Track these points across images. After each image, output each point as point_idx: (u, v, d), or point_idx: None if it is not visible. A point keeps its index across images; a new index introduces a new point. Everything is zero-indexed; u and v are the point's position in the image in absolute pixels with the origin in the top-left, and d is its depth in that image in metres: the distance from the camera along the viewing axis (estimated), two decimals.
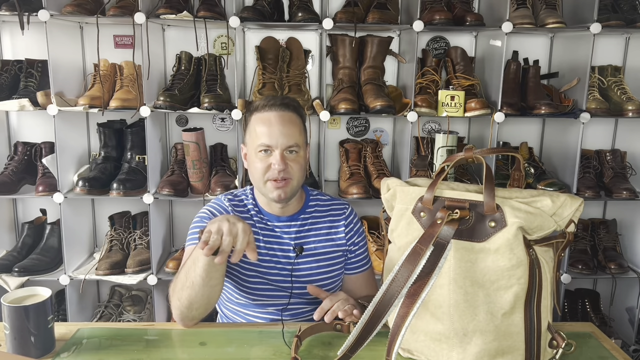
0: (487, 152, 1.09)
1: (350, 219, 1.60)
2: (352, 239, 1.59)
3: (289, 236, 1.53)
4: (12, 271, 2.29)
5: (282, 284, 1.49)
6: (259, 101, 1.51)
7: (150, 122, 2.27)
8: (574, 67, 2.36)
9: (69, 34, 2.40)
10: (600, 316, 2.53)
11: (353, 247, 1.59)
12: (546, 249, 1.02)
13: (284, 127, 1.44)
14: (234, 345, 1.23)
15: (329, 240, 1.55)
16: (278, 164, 1.42)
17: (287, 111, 1.48)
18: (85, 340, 1.23)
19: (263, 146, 1.43)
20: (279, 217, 1.53)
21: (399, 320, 0.94)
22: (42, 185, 2.29)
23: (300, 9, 2.24)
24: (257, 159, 1.45)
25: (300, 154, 1.47)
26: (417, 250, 0.96)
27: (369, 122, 2.61)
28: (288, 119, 1.46)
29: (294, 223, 1.54)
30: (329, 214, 1.59)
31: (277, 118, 1.45)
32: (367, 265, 1.64)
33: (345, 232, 1.58)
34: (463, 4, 2.33)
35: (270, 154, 1.44)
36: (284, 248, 1.52)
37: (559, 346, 1.03)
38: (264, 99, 1.51)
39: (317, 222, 1.56)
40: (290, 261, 1.51)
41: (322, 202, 1.61)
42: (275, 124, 1.44)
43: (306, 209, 1.56)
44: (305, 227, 1.54)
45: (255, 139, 1.46)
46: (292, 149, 1.45)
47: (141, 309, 2.49)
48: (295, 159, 1.46)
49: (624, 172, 2.46)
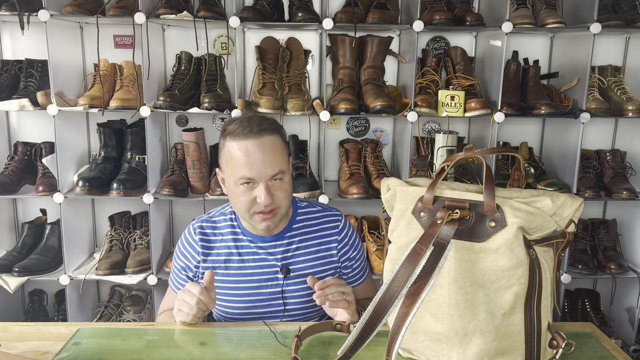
0: (487, 152, 1.08)
1: (344, 234, 1.51)
2: (346, 254, 1.51)
3: (274, 257, 1.45)
4: (12, 271, 2.29)
5: (271, 307, 1.45)
6: (233, 124, 1.37)
7: (150, 122, 2.27)
8: (574, 67, 2.36)
9: (69, 34, 2.40)
10: (600, 316, 2.53)
11: (348, 262, 1.52)
12: (546, 249, 1.02)
13: (265, 156, 1.33)
14: (234, 345, 1.23)
15: (319, 259, 1.48)
16: (264, 197, 1.32)
17: (265, 135, 1.34)
18: (85, 340, 1.23)
19: (244, 179, 1.33)
20: (264, 238, 1.45)
21: (399, 320, 0.94)
22: (42, 185, 2.29)
23: (300, 9, 2.24)
24: (239, 191, 1.35)
25: (285, 180, 1.37)
26: (417, 250, 0.96)
27: (369, 122, 2.61)
28: (268, 146, 1.34)
29: (279, 242, 1.46)
30: (319, 228, 1.50)
31: (255, 147, 1.32)
32: (364, 277, 1.58)
33: (337, 248, 1.50)
34: (463, 4, 2.33)
35: (254, 187, 1.34)
36: (270, 271, 1.45)
37: (559, 346, 1.03)
38: (239, 122, 1.37)
39: (306, 239, 1.48)
40: (279, 283, 1.44)
41: (312, 214, 1.52)
42: (255, 154, 1.32)
43: (293, 225, 1.48)
44: (293, 245, 1.46)
45: (234, 171, 1.35)
46: (277, 177, 1.35)
47: (141, 309, 2.49)
48: (281, 186, 1.36)
49: (624, 172, 2.46)
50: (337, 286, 1.33)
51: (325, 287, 1.32)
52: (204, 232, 1.49)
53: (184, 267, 1.50)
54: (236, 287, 1.45)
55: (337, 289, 1.32)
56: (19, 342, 1.22)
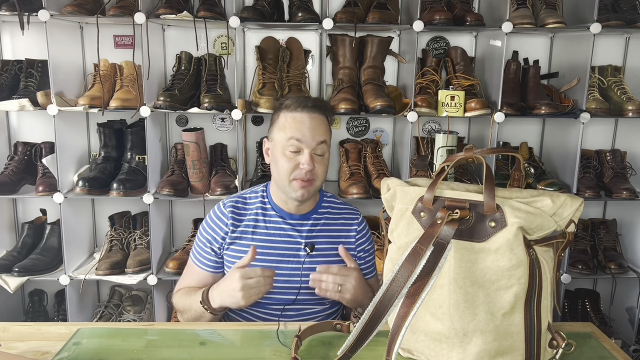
0: (487, 152, 1.09)
1: (362, 226, 1.63)
2: (362, 245, 1.61)
3: (300, 234, 1.54)
4: (12, 271, 2.29)
5: (289, 283, 1.51)
6: (290, 99, 1.53)
7: (150, 122, 2.27)
8: (574, 67, 2.36)
9: (69, 34, 2.40)
10: (600, 316, 2.53)
11: (363, 254, 1.62)
12: (546, 249, 1.02)
13: (315, 129, 1.47)
14: (234, 345, 1.23)
15: (340, 243, 1.56)
16: (307, 163, 1.45)
17: (318, 113, 1.50)
18: (85, 340, 1.23)
19: (294, 140, 1.45)
20: (292, 215, 1.55)
21: (399, 320, 0.94)
22: (42, 185, 2.29)
23: (300, 9, 2.24)
24: (285, 157, 1.47)
25: (325, 156, 1.51)
26: (417, 250, 0.96)
27: (369, 122, 2.61)
28: (319, 121, 1.50)
29: (306, 222, 1.56)
30: (341, 216, 1.61)
31: (309, 119, 1.48)
32: (372, 273, 1.66)
33: (356, 237, 1.61)
34: (463, 4, 2.33)
35: (299, 154, 1.46)
36: (293, 247, 1.53)
37: (559, 346, 1.03)
38: (296, 98, 1.53)
39: (330, 222, 1.58)
40: (299, 259, 1.52)
41: (336, 204, 1.64)
42: (307, 124, 1.47)
43: (319, 209, 1.59)
44: (318, 226, 1.56)
45: (285, 134, 1.47)
46: (320, 148, 1.48)
47: (141, 309, 2.49)
48: (322, 160, 1.49)
49: (624, 172, 2.46)
50: (337, 277, 1.41)
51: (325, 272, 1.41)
52: (235, 205, 1.57)
53: (210, 240, 1.56)
54: (259, 259, 1.49)
55: (334, 279, 1.41)
56: (19, 342, 1.22)
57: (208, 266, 1.56)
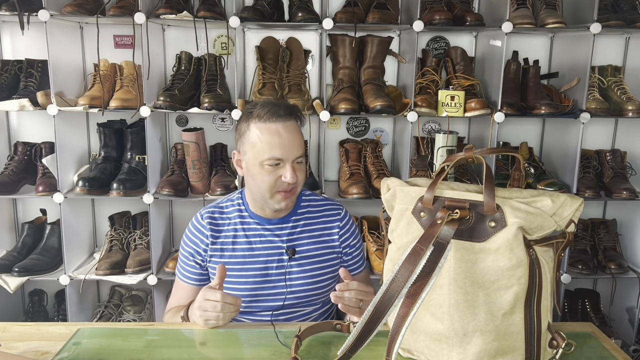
0: (487, 152, 1.08)
1: (345, 221, 1.59)
2: (347, 241, 1.58)
3: (280, 239, 1.51)
4: (12, 271, 2.29)
5: (276, 289, 1.49)
6: (259, 109, 1.43)
7: (150, 122, 2.27)
8: (574, 67, 2.36)
9: (69, 34, 2.40)
10: (600, 316, 2.53)
11: (349, 250, 1.59)
12: (546, 249, 1.02)
13: (293, 141, 1.42)
14: (234, 345, 1.23)
15: (322, 242, 1.54)
16: (291, 177, 1.40)
17: (292, 120, 1.44)
18: (85, 340, 1.23)
19: (274, 159, 1.40)
20: (270, 220, 1.52)
21: (399, 320, 0.94)
22: (42, 185, 2.29)
23: (300, 9, 2.24)
24: (264, 171, 1.41)
25: (303, 162, 1.47)
26: (417, 250, 0.96)
27: (369, 122, 2.61)
28: (294, 129, 1.44)
29: (285, 225, 1.52)
30: (322, 214, 1.58)
31: (285, 129, 1.41)
32: (362, 267, 1.63)
33: (339, 234, 1.57)
34: (463, 4, 2.33)
35: (280, 167, 1.41)
36: (275, 252, 1.50)
37: (559, 346, 1.03)
38: (264, 106, 1.44)
39: (310, 223, 1.55)
40: (283, 264, 1.49)
41: (316, 202, 1.60)
42: (284, 137, 1.40)
43: (298, 210, 1.55)
44: (298, 228, 1.53)
45: (261, 152, 1.40)
46: (300, 159, 1.44)
47: (141, 309, 2.49)
48: (301, 167, 1.46)
49: (624, 172, 2.45)
50: (359, 293, 1.33)
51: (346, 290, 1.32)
52: (212, 216, 1.54)
53: (193, 253, 1.54)
54: (243, 268, 1.48)
55: (356, 295, 1.33)
56: (19, 342, 1.22)
57: (194, 280, 1.54)
